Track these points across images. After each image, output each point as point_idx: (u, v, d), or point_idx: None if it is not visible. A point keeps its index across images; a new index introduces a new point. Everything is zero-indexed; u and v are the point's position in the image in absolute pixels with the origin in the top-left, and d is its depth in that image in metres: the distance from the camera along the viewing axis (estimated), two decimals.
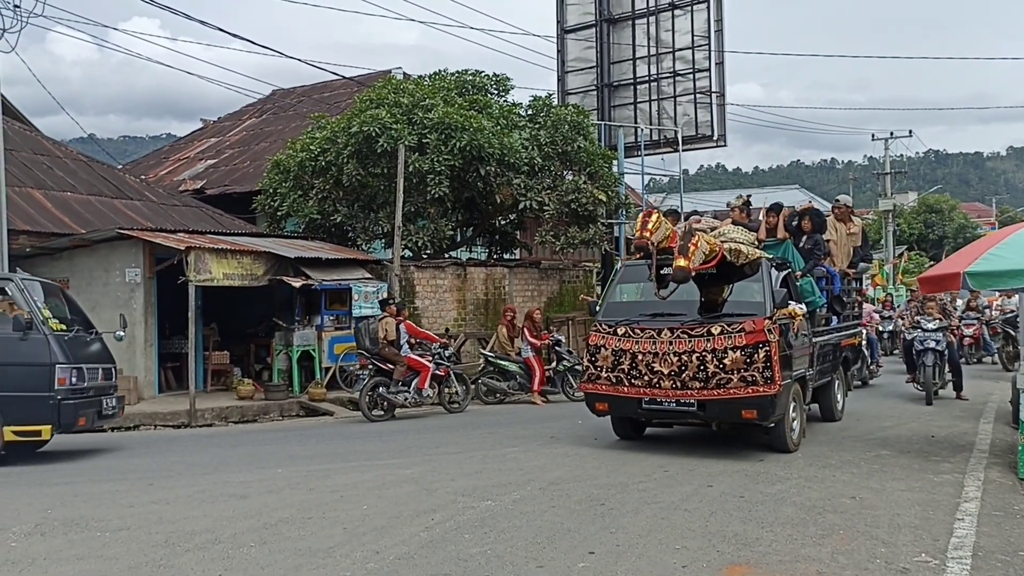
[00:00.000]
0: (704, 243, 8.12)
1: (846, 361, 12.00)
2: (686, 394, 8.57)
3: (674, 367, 8.59)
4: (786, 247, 10.53)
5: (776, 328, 8.55)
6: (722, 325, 8.56)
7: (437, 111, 17.39)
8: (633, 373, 8.82)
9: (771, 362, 8.32)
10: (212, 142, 28.53)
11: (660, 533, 6.14)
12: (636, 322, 9.01)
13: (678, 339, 8.64)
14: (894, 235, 43.08)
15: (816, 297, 10.14)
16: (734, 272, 8.79)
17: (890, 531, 6.22)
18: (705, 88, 23.48)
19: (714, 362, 8.45)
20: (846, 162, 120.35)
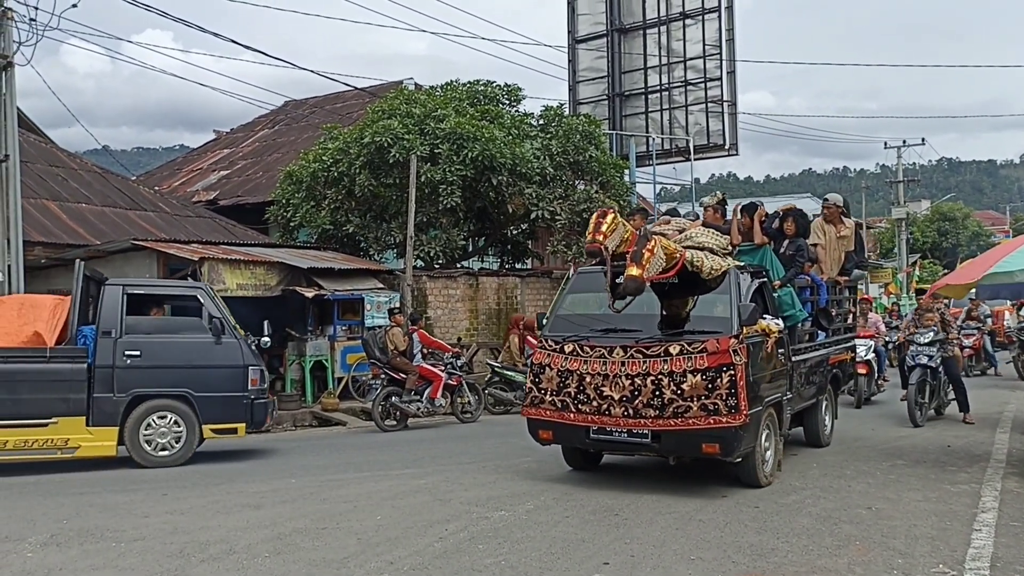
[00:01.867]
0: (661, 249, 6.99)
1: (835, 380, 10.65)
2: (639, 423, 7.38)
3: (626, 392, 7.41)
4: (764, 253, 9.21)
5: (743, 348, 7.35)
6: (681, 344, 7.40)
7: (449, 121, 17.43)
8: (580, 397, 7.64)
9: (736, 388, 7.13)
10: (225, 153, 28.69)
11: (675, 543, 6.12)
12: (586, 338, 7.85)
13: (631, 359, 7.46)
14: (907, 243, 42.88)
15: (796, 311, 8.98)
16: (699, 282, 7.68)
17: (907, 542, 6.18)
18: (716, 97, 23.52)
19: (671, 387, 7.27)
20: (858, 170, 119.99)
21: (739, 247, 8.86)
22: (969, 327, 18.61)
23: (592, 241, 7.17)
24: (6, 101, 13.28)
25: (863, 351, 13.71)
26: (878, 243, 51.00)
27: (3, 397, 9.30)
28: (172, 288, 11.37)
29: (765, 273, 8.74)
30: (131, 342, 9.75)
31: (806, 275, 9.77)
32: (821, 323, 9.75)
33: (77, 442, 9.53)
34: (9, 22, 13.28)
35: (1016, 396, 14.74)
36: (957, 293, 10.45)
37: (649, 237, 6.99)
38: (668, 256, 7.11)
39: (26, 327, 9.77)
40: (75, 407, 9.51)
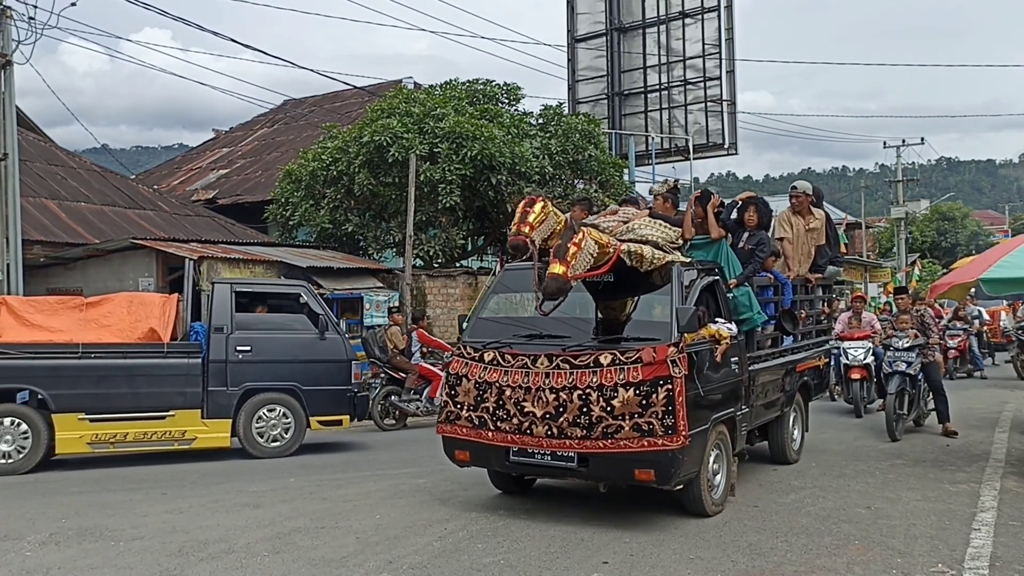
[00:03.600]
0: (591, 243, 6.03)
1: (806, 389, 9.49)
2: (564, 444, 6.34)
3: (550, 408, 6.35)
4: (719, 248, 8.15)
5: (683, 358, 6.28)
6: (613, 353, 6.34)
7: (448, 120, 17.43)
8: (500, 414, 6.57)
9: (674, 405, 6.11)
10: (224, 152, 28.69)
11: (674, 543, 6.12)
12: (508, 345, 6.77)
13: (557, 370, 6.41)
14: (906, 243, 42.92)
15: (754, 313, 7.80)
16: (641, 281, 6.70)
17: (906, 541, 6.18)
18: (716, 96, 23.53)
19: (600, 403, 6.23)
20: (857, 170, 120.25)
21: (692, 241, 7.98)
22: (955, 327, 18.08)
23: (516, 233, 6.32)
24: (5, 100, 13.29)
25: (860, 354, 12.87)
26: (877, 242, 51.02)
27: (123, 391, 9.69)
28: (276, 286, 11.80)
29: (719, 270, 7.71)
30: (242, 338, 10.20)
31: (768, 272, 8.70)
32: (785, 326, 8.64)
33: (194, 434, 9.94)
34: (8, 20, 13.29)
35: (1015, 396, 14.74)
36: (957, 294, 10.42)
37: (576, 229, 6.05)
38: (600, 250, 6.14)
39: (139, 324, 10.20)
40: (191, 400, 9.93)
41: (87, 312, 10.24)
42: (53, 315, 10.11)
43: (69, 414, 9.44)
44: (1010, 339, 19.20)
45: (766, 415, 8.40)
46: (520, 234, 6.27)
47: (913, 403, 10.97)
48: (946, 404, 10.94)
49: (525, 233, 6.26)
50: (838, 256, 10.31)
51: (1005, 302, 21.57)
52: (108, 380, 9.62)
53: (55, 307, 10.31)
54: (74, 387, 9.49)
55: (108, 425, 9.57)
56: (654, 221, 7.33)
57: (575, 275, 5.98)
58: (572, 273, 5.93)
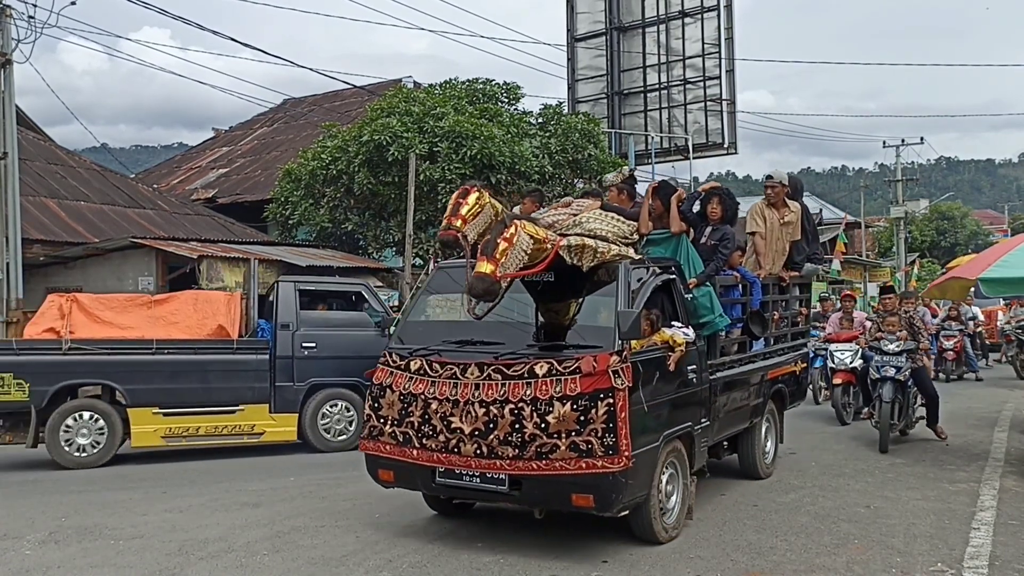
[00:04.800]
0: (525, 237, 5.39)
1: (780, 397, 8.72)
2: (494, 465, 5.63)
3: (479, 424, 5.67)
4: (679, 243, 7.32)
5: (627, 369, 5.60)
6: (550, 362, 5.65)
7: (448, 120, 17.43)
8: (425, 430, 5.88)
9: (615, 422, 5.44)
10: (224, 151, 28.69)
11: (674, 542, 6.12)
12: (436, 353, 6.09)
13: (488, 381, 5.73)
14: (906, 242, 42.92)
15: (716, 316, 7.00)
16: (586, 280, 6.04)
17: (905, 540, 6.19)
18: (716, 96, 23.54)
19: (534, 419, 5.55)
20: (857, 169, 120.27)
21: (648, 236, 7.27)
22: (950, 328, 17.55)
23: (446, 227, 5.66)
24: (5, 99, 13.30)
25: (846, 357, 12.00)
26: (876, 242, 51.04)
27: (195, 386, 9.92)
28: (338, 285, 11.95)
29: (676, 269, 6.96)
30: (307, 335, 10.39)
31: (734, 270, 7.90)
32: (753, 330, 7.85)
33: (262, 428, 10.20)
34: (8, 20, 13.29)
35: (1015, 395, 14.75)
36: (956, 293, 10.41)
37: (508, 223, 5.40)
38: (536, 246, 5.50)
39: (207, 321, 10.45)
40: (260, 395, 10.17)
41: (155, 309, 10.50)
42: (123, 312, 10.37)
43: (144, 408, 9.73)
44: (1009, 339, 19.09)
45: (733, 427, 7.66)
46: (451, 228, 5.63)
47: (902, 411, 10.12)
48: (937, 407, 10.30)
49: (456, 227, 5.62)
50: (817, 253, 9.47)
51: (1002, 301, 21.40)
52: (180, 375, 9.89)
53: (124, 304, 10.56)
54: (148, 382, 9.77)
55: (180, 419, 9.87)
56: (605, 214, 6.78)
57: (505, 274, 5.31)
58: (502, 272, 5.27)
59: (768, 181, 9.08)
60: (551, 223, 6.31)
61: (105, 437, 9.61)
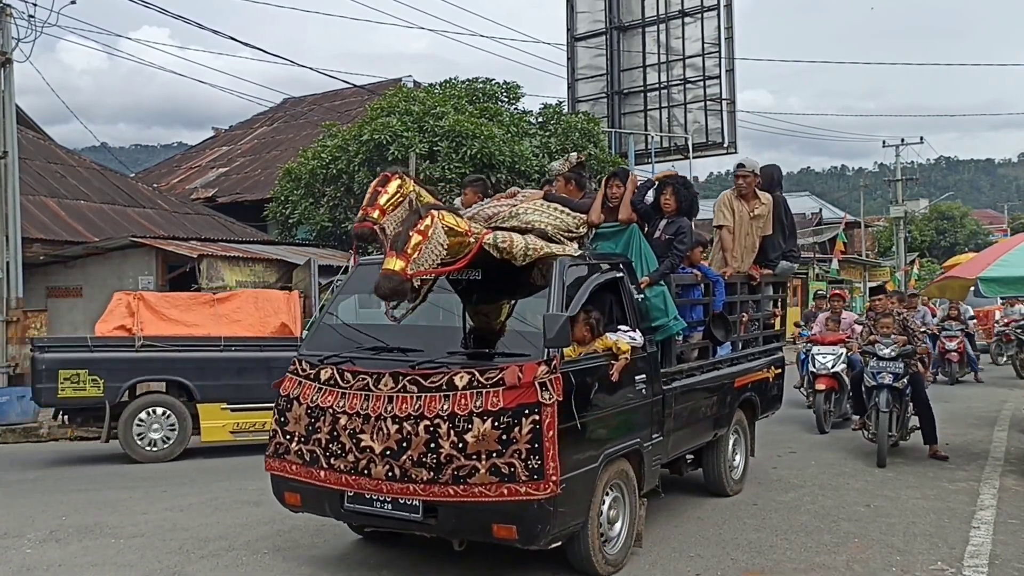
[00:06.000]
0: (443, 230, 4.78)
1: (749, 407, 7.98)
2: (407, 490, 4.95)
3: (391, 442, 5.00)
4: (630, 237, 6.58)
5: (557, 380, 4.91)
6: (472, 373, 5.00)
7: (448, 119, 17.45)
8: (334, 448, 5.20)
9: (541, 442, 4.77)
10: (224, 150, 28.68)
11: (673, 541, 6.13)
12: (349, 360, 5.43)
13: (402, 394, 5.07)
14: (905, 242, 42.94)
15: (670, 319, 6.27)
16: (519, 279, 5.44)
17: (905, 539, 6.20)
18: (715, 95, 23.50)
19: (451, 437, 4.88)
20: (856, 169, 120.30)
21: (598, 229, 6.56)
22: (951, 328, 16.51)
23: (362, 219, 4.99)
24: (5, 98, 13.30)
25: (828, 361, 11.06)
26: (876, 242, 51.07)
27: (261, 382, 9.90)
28: None
29: (625, 266, 6.26)
30: None
31: (693, 268, 7.22)
32: (715, 334, 7.09)
33: None
34: (8, 19, 13.29)
35: (1014, 395, 14.75)
36: (956, 293, 10.38)
37: (423, 213, 4.76)
38: (457, 240, 4.91)
39: (269, 319, 10.72)
40: None
41: (217, 308, 10.71)
42: (187, 310, 10.60)
43: (213, 404, 9.98)
44: (1008, 338, 19.01)
45: (693, 441, 6.97)
46: (367, 219, 4.96)
47: (899, 421, 9.32)
48: (933, 422, 9.32)
49: (373, 219, 4.95)
50: (793, 250, 8.58)
51: (1000, 300, 21.14)
52: (247, 371, 10.03)
53: (188, 303, 10.80)
54: (217, 378, 10.02)
55: (247, 415, 10.04)
56: (548, 205, 6.15)
57: (418, 272, 4.65)
58: (414, 269, 4.62)
59: (739, 170, 8.18)
60: (491, 215, 5.78)
61: (176, 432, 9.89)
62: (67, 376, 9.54)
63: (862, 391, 9.51)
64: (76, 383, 9.55)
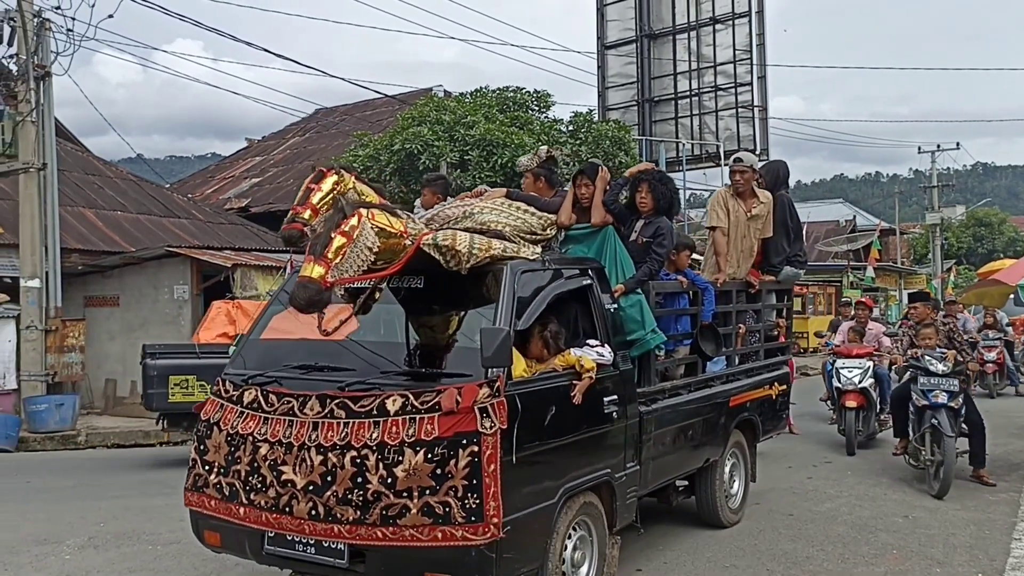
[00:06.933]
0: (369, 232, 4.21)
1: (749, 427, 7.14)
2: (331, 531, 4.31)
3: (315, 476, 4.35)
4: (604, 240, 5.87)
5: (500, 405, 4.21)
6: (405, 396, 4.32)
7: (478, 128, 17.49)
8: (254, 481, 4.55)
9: (479, 477, 4.11)
10: (256, 161, 28.99)
11: (708, 551, 6.08)
12: (274, 381, 4.77)
13: (328, 420, 4.42)
14: (942, 249, 42.38)
15: (646, 332, 5.60)
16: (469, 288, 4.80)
17: (945, 551, 6.10)
18: (747, 102, 23.38)
19: (380, 471, 4.22)
20: (891, 175, 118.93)
21: (568, 232, 5.90)
22: (989, 338, 15.31)
23: (291, 219, 4.49)
24: (44, 111, 13.54)
25: (855, 376, 10.15)
26: (912, 249, 50.46)
27: None
28: None
29: (595, 272, 5.51)
30: None
31: (678, 273, 6.52)
32: (704, 348, 6.35)
33: None
34: (47, 33, 13.54)
35: None
36: (997, 301, 10.21)
37: (347, 212, 4.22)
38: (391, 243, 4.37)
39: None
40: None
41: None
42: None
43: None
44: None
45: (680, 469, 6.26)
46: (296, 220, 4.44)
47: None
48: (983, 441, 8.48)
49: (304, 219, 4.44)
50: (799, 254, 7.76)
51: None
52: None
53: None
54: None
55: None
56: (510, 204, 5.58)
57: (340, 279, 4.16)
58: (336, 276, 4.10)
59: (736, 164, 7.40)
60: (451, 216, 5.30)
61: None
62: (177, 382, 9.87)
63: (906, 411, 8.46)
64: (185, 388, 9.87)
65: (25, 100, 13.30)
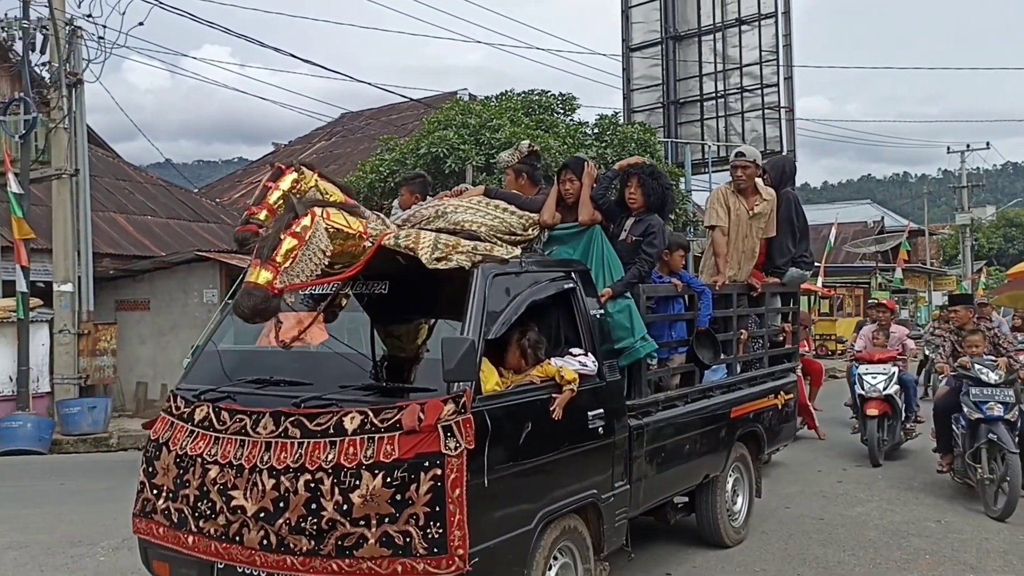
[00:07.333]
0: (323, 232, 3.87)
1: (753, 440, 6.72)
2: (283, 562, 3.92)
3: (268, 501, 3.95)
4: (591, 240, 5.43)
5: (466, 423, 3.80)
6: (364, 413, 3.90)
7: (504, 131, 17.50)
8: (203, 507, 4.15)
9: (443, 504, 3.71)
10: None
11: (738, 555, 6.06)
12: (228, 397, 4.38)
13: (282, 440, 4.01)
14: (972, 250, 41.89)
15: (635, 339, 5.16)
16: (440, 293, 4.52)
17: (978, 556, 6.04)
18: (773, 103, 23.26)
19: (336, 496, 3.82)
20: (919, 175, 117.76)
21: (552, 232, 5.44)
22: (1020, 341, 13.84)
23: (246, 220, 4.19)
24: (76, 118, 13.72)
25: (879, 382, 9.57)
26: (941, 250, 49.94)
27: None
28: None
29: (580, 275, 5.06)
30: None
31: (673, 276, 6.08)
32: (700, 356, 5.89)
33: None
34: (79, 41, 13.74)
35: None
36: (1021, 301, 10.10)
37: (299, 211, 3.86)
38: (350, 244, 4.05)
39: None
40: None
41: None
42: None
43: None
44: None
45: (676, 487, 5.83)
46: (251, 221, 4.11)
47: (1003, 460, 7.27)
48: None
49: (259, 220, 4.09)
50: (805, 255, 7.32)
51: None
52: None
53: None
54: None
55: None
56: (487, 203, 5.20)
57: (291, 284, 3.80)
58: (286, 281, 3.75)
59: (737, 159, 6.90)
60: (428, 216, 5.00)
61: None
62: None
63: (952, 425, 7.90)
64: None
65: (57, 107, 13.50)
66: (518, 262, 4.64)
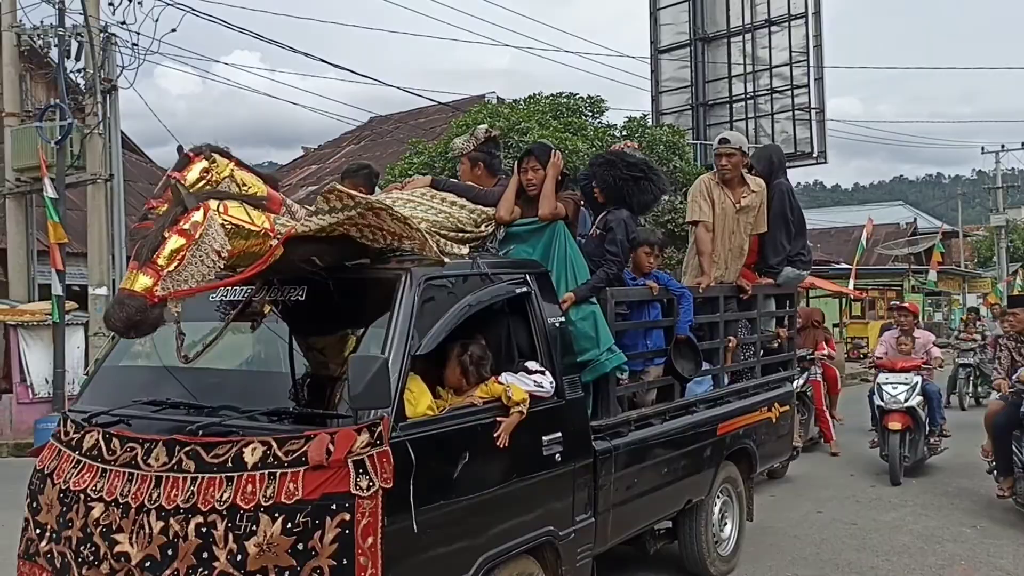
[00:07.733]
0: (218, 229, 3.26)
1: (744, 459, 6.03)
2: None
3: (154, 548, 3.32)
4: (552, 237, 4.71)
5: (383, 457, 3.22)
6: (267, 443, 3.29)
7: (532, 134, 17.51)
8: (86, 552, 3.53)
9: (352, 555, 3.10)
10: (312, 169, 29.46)
11: (769, 559, 6.03)
12: (120, 421, 3.75)
13: (173, 475, 3.39)
14: (1007, 252, 41.27)
15: (600, 351, 4.55)
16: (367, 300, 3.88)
17: (1015, 561, 5.97)
18: (804, 104, 23.09)
19: (230, 544, 3.19)
20: (953, 176, 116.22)
21: (509, 229, 4.73)
22: None
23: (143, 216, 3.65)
24: (111, 124, 13.93)
25: (901, 393, 8.83)
26: (976, 252, 49.26)
27: None
28: None
29: (536, 277, 4.42)
30: None
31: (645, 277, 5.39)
32: (678, 368, 5.24)
33: None
34: (113, 48, 13.95)
35: None
36: None
37: (188, 205, 3.27)
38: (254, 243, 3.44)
39: None
40: None
41: None
42: None
43: None
44: None
45: (652, 516, 5.18)
46: (149, 216, 3.51)
47: None
48: None
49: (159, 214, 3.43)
50: (802, 253, 6.67)
51: None
52: None
53: None
54: None
55: None
56: (433, 196, 4.59)
57: (175, 291, 3.16)
58: (168, 287, 3.14)
59: (721, 146, 6.22)
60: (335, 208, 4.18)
61: None
62: None
63: (1013, 445, 7.16)
64: None
65: (92, 113, 13.73)
66: (462, 264, 4.05)
